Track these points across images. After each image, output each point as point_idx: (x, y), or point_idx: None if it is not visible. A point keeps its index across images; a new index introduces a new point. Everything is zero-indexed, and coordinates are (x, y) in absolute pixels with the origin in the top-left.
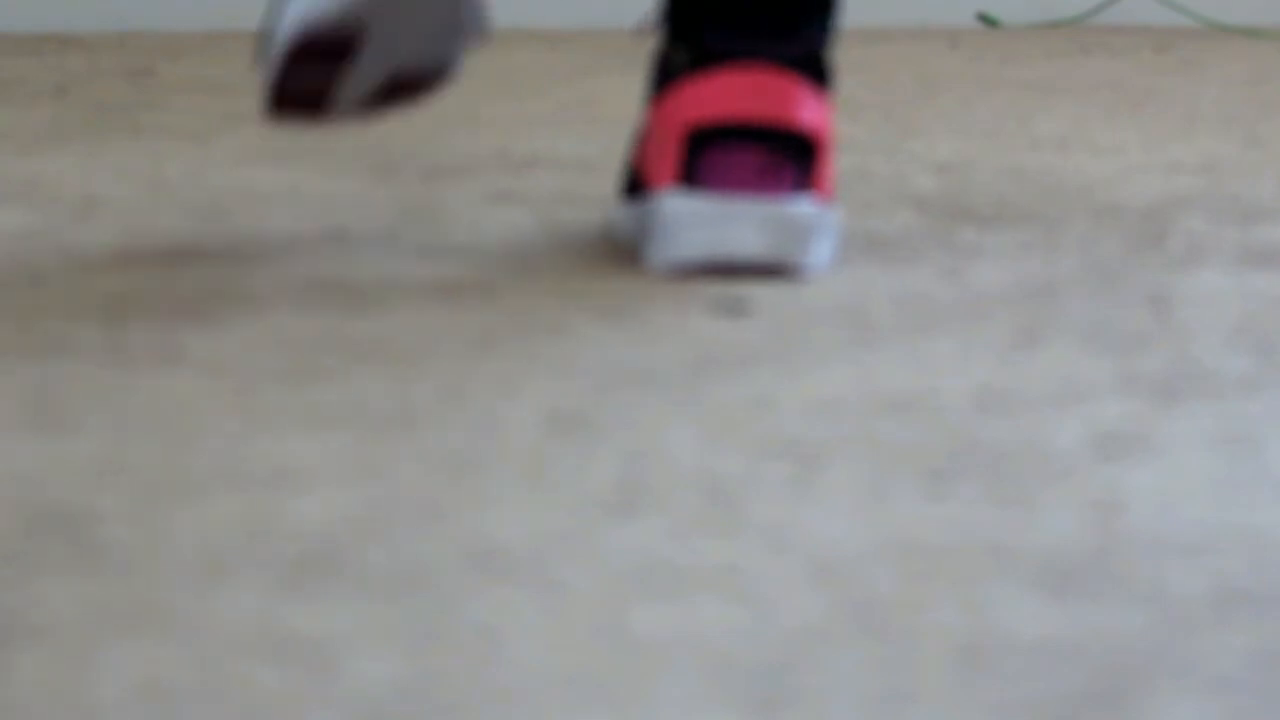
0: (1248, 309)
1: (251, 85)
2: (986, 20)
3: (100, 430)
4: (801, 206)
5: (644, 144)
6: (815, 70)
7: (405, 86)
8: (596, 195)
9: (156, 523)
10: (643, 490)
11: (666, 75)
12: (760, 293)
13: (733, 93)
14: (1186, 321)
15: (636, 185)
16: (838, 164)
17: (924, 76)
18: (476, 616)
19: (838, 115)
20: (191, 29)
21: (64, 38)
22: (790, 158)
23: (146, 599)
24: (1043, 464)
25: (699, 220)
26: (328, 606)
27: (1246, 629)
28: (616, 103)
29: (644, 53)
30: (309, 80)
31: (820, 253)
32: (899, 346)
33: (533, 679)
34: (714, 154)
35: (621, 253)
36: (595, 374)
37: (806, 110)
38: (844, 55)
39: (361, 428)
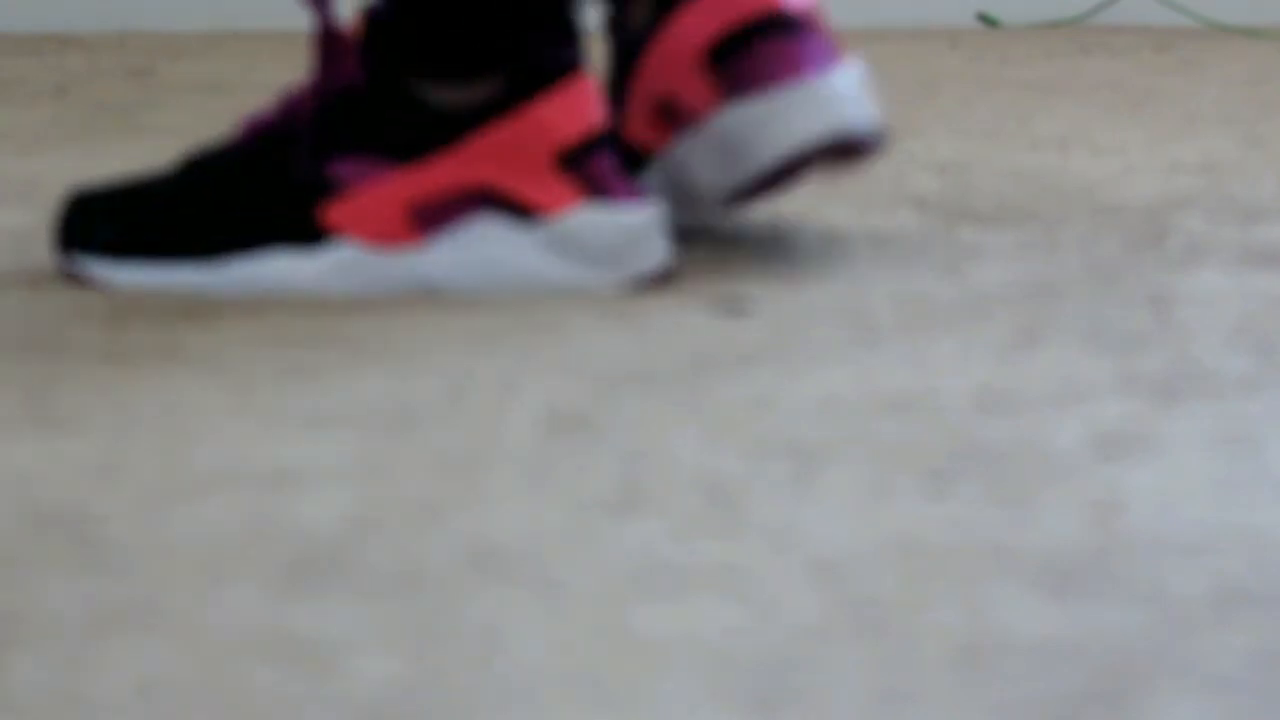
0: (1248, 309)
1: (250, 85)
2: (986, 20)
3: (100, 430)
4: (857, 68)
5: (639, 105)
6: None
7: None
8: None
9: (156, 523)
10: (643, 490)
11: (633, 39)
12: (760, 293)
13: (719, 7)
14: (1186, 321)
15: (636, 159)
16: None
17: (924, 76)
18: (476, 616)
19: None
20: (191, 29)
21: (64, 38)
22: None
23: (146, 599)
24: (1043, 464)
25: (795, 107)
26: (328, 606)
27: (1246, 629)
28: None
29: None
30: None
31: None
32: (899, 346)
33: (533, 679)
34: (746, 59)
35: None
36: (595, 374)
37: None
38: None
39: (361, 428)
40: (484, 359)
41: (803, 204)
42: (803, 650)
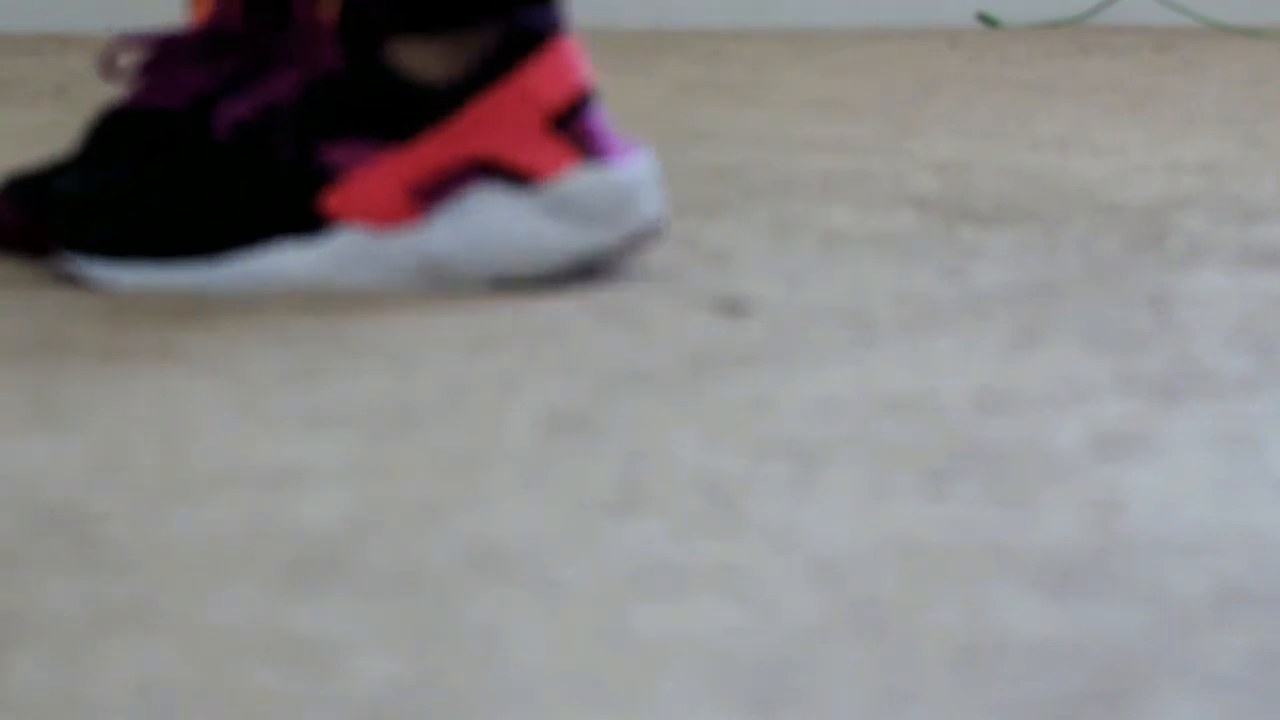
0: (1248, 309)
1: None
2: (986, 20)
3: (100, 430)
4: None
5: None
6: None
7: None
8: None
9: (156, 523)
10: (643, 490)
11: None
12: (760, 293)
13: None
14: (1186, 321)
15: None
16: (838, 164)
17: (924, 76)
18: (476, 616)
19: (838, 115)
20: None
21: (64, 38)
22: None
23: (146, 599)
24: (1043, 464)
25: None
26: (328, 606)
27: (1246, 629)
28: (615, 102)
29: (638, 52)
30: None
31: None
32: (899, 346)
33: (533, 679)
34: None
35: None
36: (595, 374)
37: None
38: (844, 55)
39: (361, 428)
40: (484, 359)
41: (803, 204)
42: (803, 650)
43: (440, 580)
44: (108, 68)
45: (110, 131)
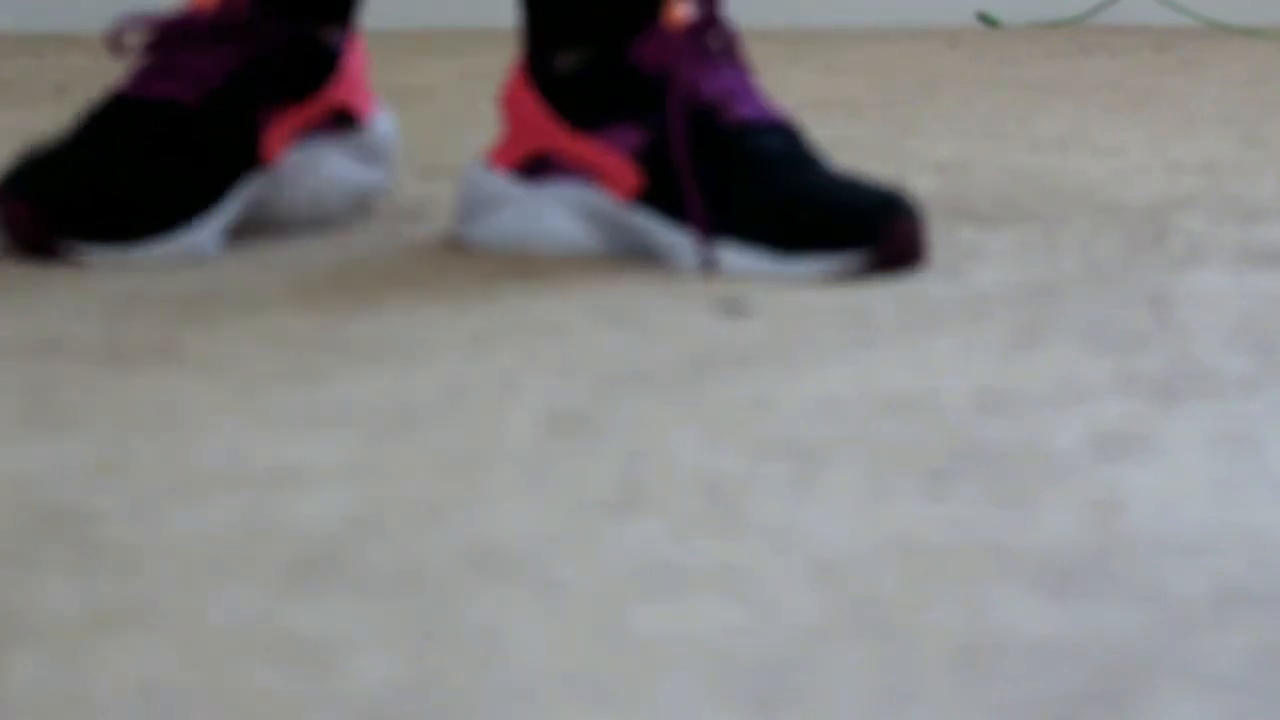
0: (1248, 309)
1: None
2: (986, 20)
3: (100, 430)
4: None
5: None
6: None
7: None
8: None
9: (156, 523)
10: (643, 490)
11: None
12: (760, 293)
13: None
14: (1186, 321)
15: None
16: (838, 164)
17: (924, 76)
18: (476, 616)
19: (838, 115)
20: None
21: (64, 38)
22: None
23: (146, 599)
24: (1043, 464)
25: None
26: (328, 606)
27: (1246, 629)
28: None
29: None
30: None
31: None
32: (899, 346)
33: (533, 679)
34: None
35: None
36: (595, 374)
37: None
38: (844, 55)
39: (361, 428)
40: (484, 359)
41: None
42: (803, 650)
43: (440, 580)
44: (114, 45)
45: (111, 118)
